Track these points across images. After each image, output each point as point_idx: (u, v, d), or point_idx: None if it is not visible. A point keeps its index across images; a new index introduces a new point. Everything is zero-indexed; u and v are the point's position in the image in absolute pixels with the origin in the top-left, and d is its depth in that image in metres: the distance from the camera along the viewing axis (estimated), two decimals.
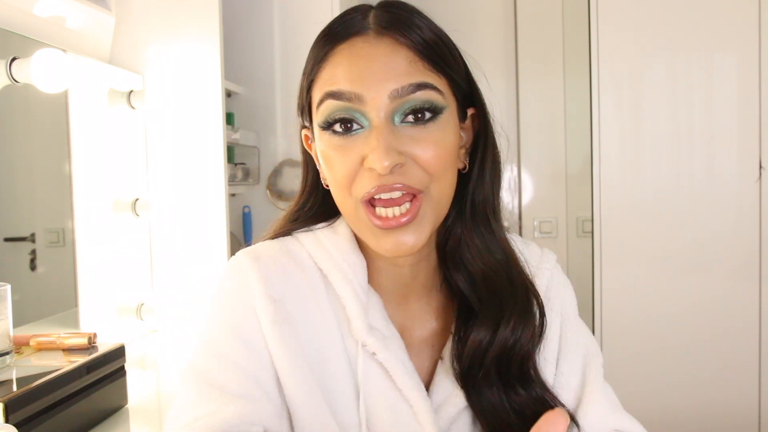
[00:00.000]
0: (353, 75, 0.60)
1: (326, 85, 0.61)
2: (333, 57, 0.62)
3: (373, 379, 0.64)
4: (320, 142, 0.63)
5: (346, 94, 0.60)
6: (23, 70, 1.24)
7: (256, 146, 2.17)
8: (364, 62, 0.60)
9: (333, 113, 0.60)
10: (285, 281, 0.66)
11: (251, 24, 2.16)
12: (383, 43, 0.61)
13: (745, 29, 2.14)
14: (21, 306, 1.25)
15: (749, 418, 2.18)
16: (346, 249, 0.68)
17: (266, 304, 0.64)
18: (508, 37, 2.69)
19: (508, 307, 0.65)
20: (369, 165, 0.59)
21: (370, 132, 0.59)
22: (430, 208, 0.61)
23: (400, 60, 0.60)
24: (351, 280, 0.66)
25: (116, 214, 1.61)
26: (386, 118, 0.59)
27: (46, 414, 0.99)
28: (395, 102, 0.59)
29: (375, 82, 0.59)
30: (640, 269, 2.23)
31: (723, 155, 2.18)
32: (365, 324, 0.64)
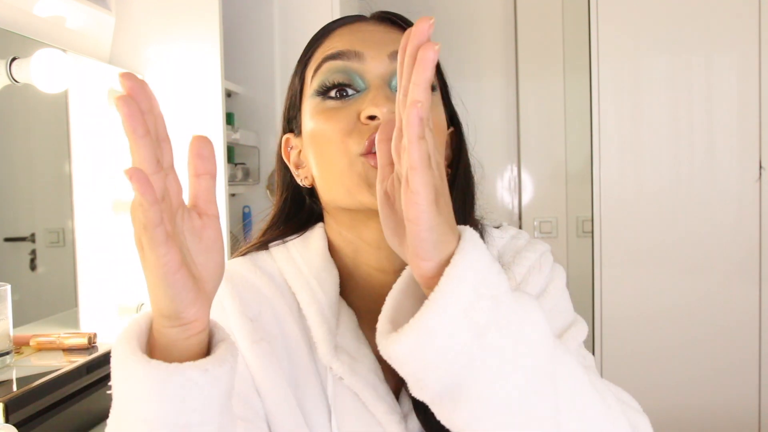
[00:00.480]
0: (354, 40, 0.62)
1: (325, 51, 0.63)
2: (331, 35, 0.64)
3: (343, 402, 0.62)
4: (309, 116, 0.63)
5: (345, 53, 0.61)
6: (23, 70, 1.24)
7: (256, 146, 2.17)
8: (363, 33, 0.62)
9: (331, 75, 0.61)
10: (259, 300, 0.65)
11: (251, 24, 2.16)
12: (382, 26, 0.64)
13: (745, 30, 2.14)
14: (21, 306, 1.25)
15: (749, 418, 2.18)
16: (316, 264, 0.66)
17: (242, 323, 0.62)
18: (508, 37, 2.69)
19: None
20: (367, 113, 0.58)
21: (367, 91, 0.60)
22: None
23: (398, 36, 0.61)
24: (319, 300, 0.64)
25: (116, 214, 1.61)
26: (384, 80, 0.60)
27: (46, 414, 0.99)
28: (394, 64, 0.60)
29: (375, 44, 0.61)
30: (640, 269, 2.23)
31: (723, 155, 2.18)
32: (331, 347, 0.62)
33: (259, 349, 0.62)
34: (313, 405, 0.62)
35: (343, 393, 0.62)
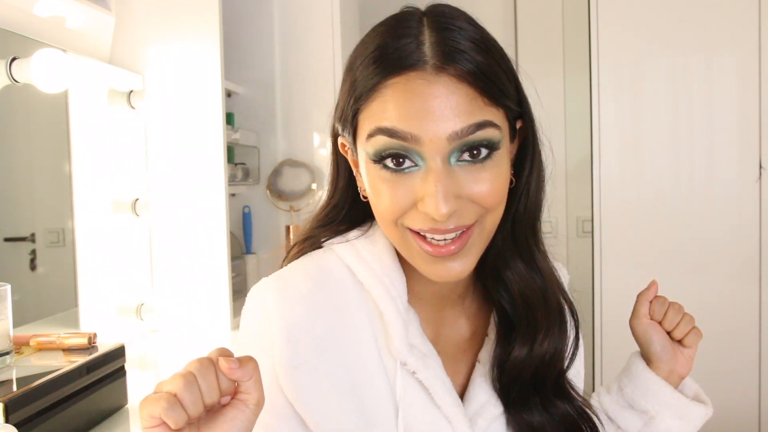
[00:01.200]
0: (410, 114, 0.55)
1: (378, 119, 0.57)
2: (385, 90, 0.57)
3: (411, 396, 0.64)
4: (367, 169, 0.60)
5: (400, 133, 0.56)
6: (23, 70, 1.24)
7: (256, 146, 2.17)
8: (421, 101, 0.55)
9: (385, 149, 0.57)
10: (314, 309, 0.64)
11: (251, 24, 2.16)
12: (442, 81, 0.55)
13: (745, 30, 2.14)
14: (21, 306, 1.25)
15: (749, 418, 2.18)
16: (387, 263, 0.66)
17: (284, 348, 0.62)
18: (508, 37, 2.69)
19: (544, 325, 0.67)
20: (425, 210, 0.56)
21: (426, 173, 0.56)
22: (480, 237, 0.60)
23: (460, 98, 0.55)
24: (394, 297, 0.65)
25: (116, 214, 1.61)
26: (443, 161, 0.56)
27: (46, 414, 0.99)
28: (453, 143, 0.56)
29: (433, 123, 0.55)
30: (640, 269, 2.23)
31: (723, 155, 2.18)
32: (405, 343, 0.64)
33: (298, 373, 0.62)
34: (375, 403, 0.64)
35: (413, 387, 0.64)
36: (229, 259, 1.70)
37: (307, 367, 0.62)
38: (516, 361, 0.66)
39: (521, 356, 0.66)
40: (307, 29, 2.12)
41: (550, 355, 0.67)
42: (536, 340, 0.66)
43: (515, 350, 0.66)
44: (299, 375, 0.62)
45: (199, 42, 1.68)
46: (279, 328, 0.63)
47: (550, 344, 0.67)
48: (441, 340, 0.69)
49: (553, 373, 0.67)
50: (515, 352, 0.66)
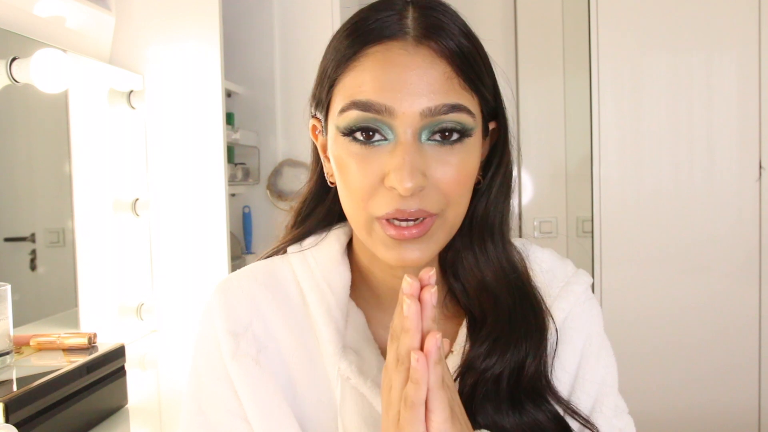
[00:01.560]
0: (386, 85, 0.55)
1: (353, 91, 0.56)
2: (363, 59, 0.56)
3: (350, 401, 0.62)
4: (335, 144, 0.60)
5: (375, 105, 0.55)
6: (23, 70, 1.24)
7: (256, 146, 2.17)
8: (398, 72, 0.55)
9: (357, 123, 0.56)
10: (251, 309, 0.65)
11: (251, 24, 2.16)
12: (421, 53, 0.55)
13: (745, 29, 2.14)
14: (21, 306, 1.25)
15: (749, 418, 2.18)
16: (328, 265, 0.66)
17: (227, 339, 0.63)
18: (508, 37, 2.69)
19: (508, 324, 0.64)
20: (390, 184, 0.55)
21: (395, 147, 0.56)
22: (442, 230, 0.59)
23: (437, 74, 0.55)
24: (327, 301, 0.65)
25: (116, 214, 1.61)
26: (413, 135, 0.55)
27: (46, 414, 0.99)
28: (426, 119, 0.55)
29: (408, 96, 0.54)
30: (640, 269, 2.23)
31: (723, 155, 2.18)
32: (338, 348, 0.63)
33: (238, 365, 0.62)
34: (317, 407, 0.63)
35: (351, 393, 0.62)
36: (229, 259, 1.70)
37: (246, 360, 0.63)
38: (480, 367, 0.62)
39: (487, 363, 0.62)
40: (307, 29, 2.12)
41: (518, 358, 0.63)
42: (500, 341, 0.63)
43: (474, 349, 0.63)
44: (242, 365, 0.62)
45: (199, 42, 1.68)
46: (220, 321, 0.64)
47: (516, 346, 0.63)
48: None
49: (526, 377, 0.63)
50: (473, 351, 0.63)
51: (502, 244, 0.66)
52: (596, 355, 0.68)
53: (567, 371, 0.67)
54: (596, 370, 0.68)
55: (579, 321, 0.69)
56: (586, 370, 0.67)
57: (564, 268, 0.71)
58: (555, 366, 0.66)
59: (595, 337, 0.69)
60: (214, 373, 0.64)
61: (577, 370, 0.67)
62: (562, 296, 0.69)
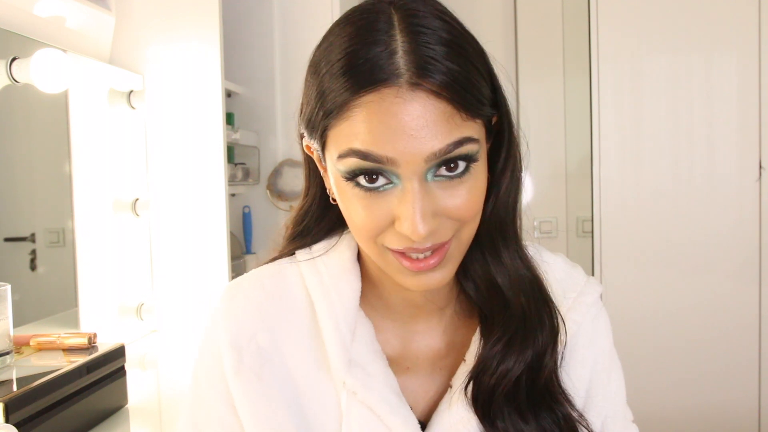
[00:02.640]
0: (385, 136, 0.51)
1: (350, 139, 0.53)
2: (357, 109, 0.52)
3: (357, 416, 0.61)
4: (338, 184, 0.57)
5: (375, 156, 0.52)
6: (23, 70, 1.24)
7: (256, 146, 2.17)
8: (396, 121, 0.51)
9: (359, 169, 0.53)
10: (261, 319, 0.64)
11: (251, 24, 2.16)
12: (418, 98, 0.51)
13: (745, 29, 2.14)
14: (21, 306, 1.25)
15: (749, 418, 2.18)
16: (338, 274, 0.65)
17: (230, 353, 0.63)
18: (508, 37, 2.69)
19: (522, 322, 0.63)
20: (401, 230, 0.53)
21: (403, 193, 0.53)
22: (458, 249, 0.58)
23: (438, 117, 0.51)
24: (336, 312, 0.63)
25: (116, 214, 1.61)
26: (420, 180, 0.53)
27: (46, 414, 0.99)
28: (431, 162, 0.53)
29: (410, 144, 0.51)
30: (639, 269, 2.23)
31: (723, 155, 2.18)
32: (344, 362, 0.62)
33: (241, 380, 0.62)
34: (322, 419, 0.62)
35: (357, 407, 0.61)
36: (229, 259, 1.70)
37: (249, 375, 0.62)
38: (496, 368, 0.61)
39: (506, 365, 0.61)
40: (307, 29, 2.12)
41: (534, 359, 0.62)
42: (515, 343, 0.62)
43: (485, 352, 0.62)
44: (245, 381, 0.62)
45: (199, 42, 1.68)
46: (224, 333, 0.63)
47: (524, 351, 0.62)
48: (411, 354, 0.66)
49: (539, 381, 0.62)
50: (495, 359, 0.62)
51: (515, 240, 0.65)
52: (608, 371, 0.69)
53: (578, 387, 0.66)
54: (608, 386, 0.68)
55: (589, 336, 0.68)
56: (598, 387, 0.67)
57: (576, 277, 0.71)
58: (565, 379, 0.65)
59: (607, 352, 0.69)
60: (212, 389, 0.64)
61: (589, 386, 0.67)
62: (575, 308, 0.68)
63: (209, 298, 1.71)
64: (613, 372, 0.69)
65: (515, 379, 0.61)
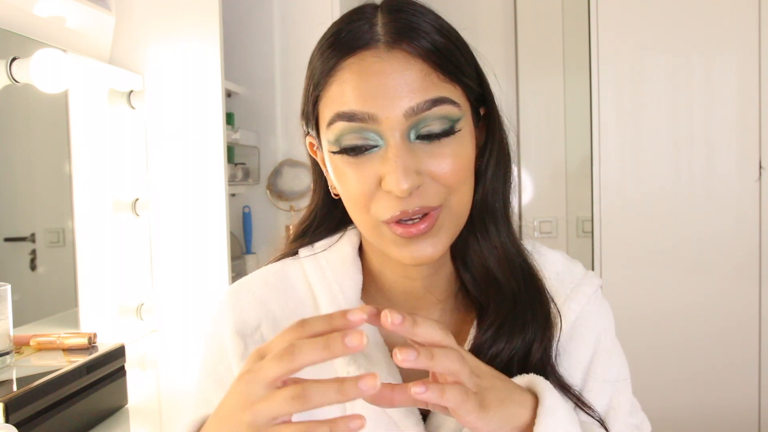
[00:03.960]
0: (364, 94, 0.56)
1: (336, 104, 0.57)
2: (341, 72, 0.58)
3: (361, 405, 0.61)
4: (330, 158, 0.61)
5: (358, 114, 0.56)
6: (23, 70, 1.24)
7: (256, 146, 2.17)
8: (375, 79, 0.56)
9: (345, 134, 0.57)
10: (260, 312, 0.66)
11: (251, 24, 2.16)
12: (395, 57, 0.56)
13: (745, 29, 2.14)
14: (21, 306, 1.25)
15: (749, 418, 2.18)
16: (340, 267, 0.67)
17: (236, 342, 0.65)
18: (508, 37, 2.69)
19: (513, 308, 0.64)
20: (387, 188, 0.56)
21: (386, 151, 0.56)
22: (449, 220, 0.60)
23: (414, 74, 0.56)
24: (338, 303, 0.65)
25: (116, 214, 1.61)
26: (402, 137, 0.56)
27: (46, 414, 0.99)
28: (411, 119, 0.56)
29: (389, 101, 0.55)
30: (639, 269, 2.23)
31: (723, 155, 2.18)
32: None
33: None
34: (326, 410, 0.62)
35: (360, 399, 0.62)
36: (229, 259, 1.70)
37: None
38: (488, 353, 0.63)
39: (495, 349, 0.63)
40: (307, 29, 2.12)
41: (524, 344, 0.63)
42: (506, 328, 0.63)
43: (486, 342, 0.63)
44: None
45: (199, 42, 1.68)
46: (229, 324, 0.66)
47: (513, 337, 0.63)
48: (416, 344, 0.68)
49: (530, 363, 0.63)
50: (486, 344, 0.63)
51: (506, 227, 0.66)
52: (609, 353, 0.69)
53: (579, 369, 0.67)
54: (610, 368, 0.68)
55: (590, 320, 0.69)
56: (598, 368, 0.68)
57: (574, 271, 0.71)
58: (567, 364, 0.66)
59: (608, 335, 0.70)
60: (215, 379, 0.65)
61: (589, 366, 0.68)
62: (573, 297, 0.69)
63: (209, 298, 1.71)
64: (614, 356, 0.70)
65: (507, 364, 0.63)
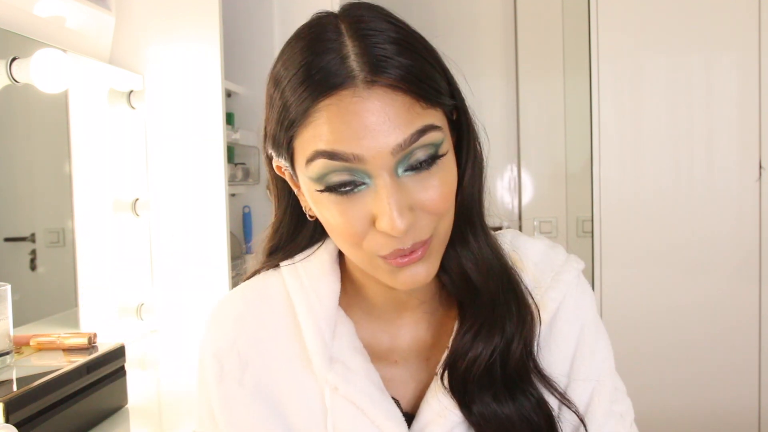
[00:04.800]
0: (347, 134, 0.52)
1: (315, 141, 0.54)
2: (317, 114, 0.53)
3: (341, 410, 0.63)
4: (312, 194, 0.58)
5: (341, 154, 0.53)
6: (23, 70, 1.24)
7: (256, 146, 2.17)
8: (357, 120, 0.52)
9: (328, 171, 0.54)
10: (241, 325, 0.66)
11: (251, 24, 2.16)
12: (375, 94, 0.52)
13: (745, 29, 2.14)
14: (21, 306, 1.25)
15: (749, 418, 2.19)
16: (317, 275, 0.67)
17: (212, 364, 0.66)
18: (508, 37, 2.69)
19: (491, 309, 0.64)
20: (382, 229, 0.54)
21: (375, 190, 0.54)
22: (438, 243, 0.59)
23: (396, 109, 0.53)
24: (315, 312, 0.65)
25: (116, 214, 1.61)
26: (390, 174, 0.54)
27: (46, 414, 0.99)
28: (398, 155, 0.53)
29: (374, 140, 0.52)
30: (639, 269, 2.23)
31: (723, 155, 2.18)
32: (325, 359, 0.63)
33: (223, 389, 0.64)
34: (306, 418, 0.64)
35: (341, 402, 0.63)
36: (229, 259, 1.70)
37: (230, 382, 0.64)
38: (461, 351, 0.63)
39: (465, 345, 0.63)
40: None
41: (503, 344, 0.63)
42: (485, 328, 0.63)
43: (461, 340, 0.64)
44: (225, 389, 0.64)
45: (199, 42, 1.68)
46: (209, 344, 0.67)
47: (501, 331, 0.63)
48: (399, 348, 0.68)
49: (512, 364, 0.63)
50: (460, 341, 0.63)
51: (482, 230, 0.65)
52: (591, 346, 0.68)
53: (563, 362, 0.67)
54: (593, 360, 0.68)
55: (572, 312, 0.68)
56: (582, 362, 0.67)
57: (554, 257, 0.71)
58: (550, 358, 0.66)
59: (590, 325, 0.69)
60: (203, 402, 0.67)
61: (573, 360, 0.67)
62: (553, 287, 0.68)
63: (209, 299, 1.71)
64: (599, 342, 0.69)
65: (487, 365, 0.63)
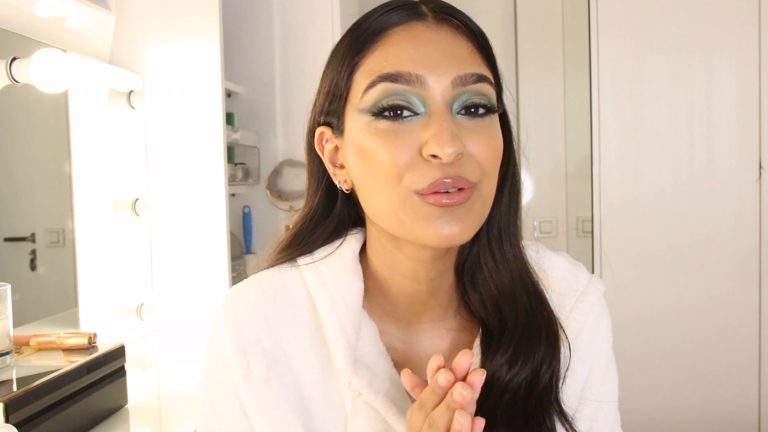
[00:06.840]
0: (414, 57, 0.56)
1: (380, 67, 0.56)
2: (387, 38, 0.57)
3: (363, 417, 0.61)
4: (358, 131, 0.58)
5: (405, 76, 0.55)
6: (23, 70, 1.24)
7: (256, 146, 2.17)
8: (424, 45, 0.56)
9: (387, 97, 0.55)
10: (260, 324, 0.64)
11: (251, 24, 2.16)
12: (444, 30, 0.58)
13: (745, 29, 2.14)
14: (21, 306, 1.25)
15: (749, 418, 2.18)
16: (341, 274, 0.65)
17: (238, 361, 0.62)
18: (508, 37, 2.69)
19: (527, 330, 0.62)
20: (431, 152, 0.54)
21: (428, 119, 0.55)
22: (479, 203, 0.58)
23: (462, 48, 0.58)
24: (339, 313, 0.63)
25: (116, 214, 1.61)
26: (446, 106, 0.55)
27: (46, 414, 0.99)
28: (456, 90, 0.56)
29: (438, 67, 0.55)
30: (639, 269, 2.23)
31: (723, 155, 2.18)
32: (350, 362, 0.61)
33: (249, 386, 0.62)
34: (328, 420, 0.62)
35: (363, 408, 0.61)
36: (229, 259, 1.70)
37: (257, 380, 0.62)
38: (504, 378, 0.60)
39: (511, 373, 0.61)
40: (307, 29, 2.12)
41: (533, 368, 0.61)
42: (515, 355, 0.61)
43: (502, 366, 0.61)
44: (252, 387, 0.62)
45: (199, 42, 1.68)
46: (229, 340, 0.63)
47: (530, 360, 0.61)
48: (416, 355, 0.66)
49: (537, 393, 0.62)
50: (503, 369, 0.61)
51: (519, 248, 0.65)
52: (604, 372, 0.68)
53: (576, 384, 0.66)
54: (603, 387, 0.68)
55: (591, 337, 0.68)
56: (593, 387, 0.67)
57: (579, 276, 0.70)
58: (568, 381, 0.65)
59: (605, 352, 0.69)
60: (224, 393, 0.64)
61: (584, 385, 0.67)
62: (578, 308, 0.67)
63: (209, 299, 1.71)
64: (608, 374, 0.69)
65: (517, 387, 0.61)
